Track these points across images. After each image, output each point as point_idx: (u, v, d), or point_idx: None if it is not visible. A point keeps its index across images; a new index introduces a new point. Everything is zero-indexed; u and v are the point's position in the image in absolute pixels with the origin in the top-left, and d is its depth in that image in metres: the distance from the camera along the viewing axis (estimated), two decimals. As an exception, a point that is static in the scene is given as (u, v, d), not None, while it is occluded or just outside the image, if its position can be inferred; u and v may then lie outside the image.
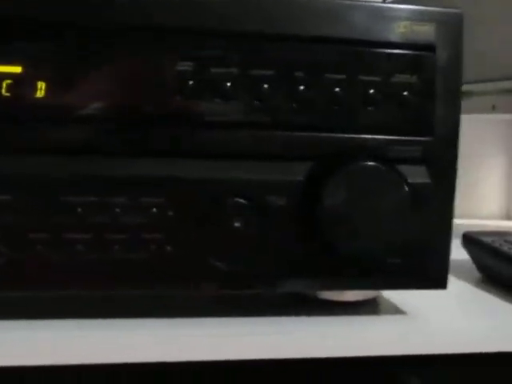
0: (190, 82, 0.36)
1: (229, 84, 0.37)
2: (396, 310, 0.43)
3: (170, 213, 0.36)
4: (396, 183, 0.38)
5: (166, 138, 0.36)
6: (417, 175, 0.39)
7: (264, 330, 0.39)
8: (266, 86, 0.37)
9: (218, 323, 0.39)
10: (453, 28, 0.40)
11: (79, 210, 0.35)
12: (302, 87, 0.38)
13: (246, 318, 0.40)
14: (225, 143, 0.37)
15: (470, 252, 0.54)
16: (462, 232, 0.54)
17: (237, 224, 0.37)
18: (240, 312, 0.40)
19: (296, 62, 0.38)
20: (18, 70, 0.36)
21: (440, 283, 0.40)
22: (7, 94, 0.36)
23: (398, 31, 0.39)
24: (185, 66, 0.36)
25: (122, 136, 0.36)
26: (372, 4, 0.39)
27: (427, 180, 0.39)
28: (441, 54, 0.39)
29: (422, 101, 0.39)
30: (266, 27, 0.37)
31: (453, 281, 0.44)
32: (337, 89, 0.38)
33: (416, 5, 0.39)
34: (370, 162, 0.38)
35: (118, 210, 0.36)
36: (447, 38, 0.39)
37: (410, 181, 0.38)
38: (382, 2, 0.43)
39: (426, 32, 0.39)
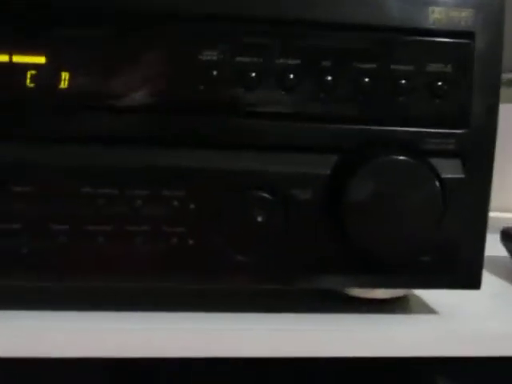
0: (214, 72, 0.35)
1: (255, 74, 0.36)
2: (427, 309, 0.41)
3: (192, 206, 0.36)
4: (427, 178, 0.36)
5: (188, 128, 0.36)
6: (450, 169, 0.37)
7: (290, 327, 0.38)
8: (291, 75, 0.36)
9: (247, 318, 0.38)
10: (493, 14, 0.37)
11: (100, 201, 0.35)
12: (329, 77, 0.36)
13: (273, 313, 0.39)
14: (249, 133, 0.36)
15: (508, 248, 0.51)
16: (498, 226, 0.51)
17: (259, 218, 0.36)
18: (269, 308, 0.39)
19: (324, 50, 0.36)
20: (41, 60, 0.36)
21: (473, 283, 0.39)
22: (31, 85, 0.35)
23: (433, 17, 0.37)
24: (213, 55, 0.35)
25: (143, 127, 0.35)
26: (405, -12, 0.37)
27: (461, 174, 0.37)
28: (479, 41, 0.37)
29: (457, 91, 0.37)
30: (294, 14, 0.36)
31: (488, 278, 0.42)
32: (366, 79, 0.36)
33: (453, -11, 0.37)
34: (400, 155, 0.36)
35: (138, 202, 0.35)
36: (486, 24, 0.37)
37: (442, 175, 0.37)
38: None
39: (463, 18, 0.37)
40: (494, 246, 0.42)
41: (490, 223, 0.39)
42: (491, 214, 0.39)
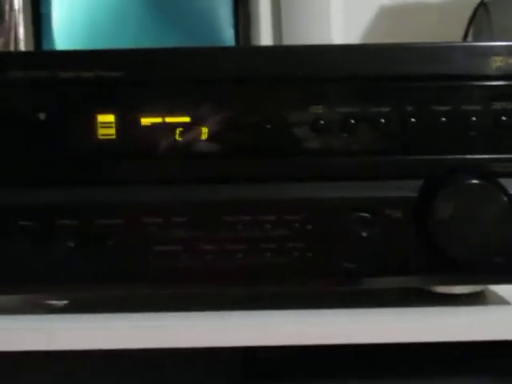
0: (321, 122, 0.45)
1: (352, 120, 0.45)
2: (501, 301, 0.50)
3: (309, 226, 0.46)
4: (497, 195, 0.45)
5: (304, 167, 0.46)
6: (516, 187, 0.46)
7: (386, 318, 0.47)
8: (382, 120, 0.45)
9: (350, 313, 0.47)
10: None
11: (239, 226, 0.45)
12: (412, 119, 0.45)
13: (374, 308, 0.48)
14: (350, 168, 0.46)
15: None
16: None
17: (362, 233, 0.46)
18: (370, 303, 0.48)
19: (407, 97, 0.45)
20: (187, 119, 0.46)
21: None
22: (179, 139, 0.46)
23: (495, 65, 0.46)
24: (316, 108, 0.45)
25: (271, 166, 0.46)
26: (469, 44, 0.46)
27: (526, 190, 0.46)
28: (534, 81, 0.46)
29: (518, 123, 0.46)
30: (379, 70, 0.46)
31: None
32: (443, 118, 0.45)
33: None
34: (474, 178, 0.45)
35: (268, 225, 0.46)
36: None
37: (509, 192, 0.45)
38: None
39: (520, 64, 0.46)
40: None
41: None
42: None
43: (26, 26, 0.98)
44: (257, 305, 0.48)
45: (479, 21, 0.90)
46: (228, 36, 1.02)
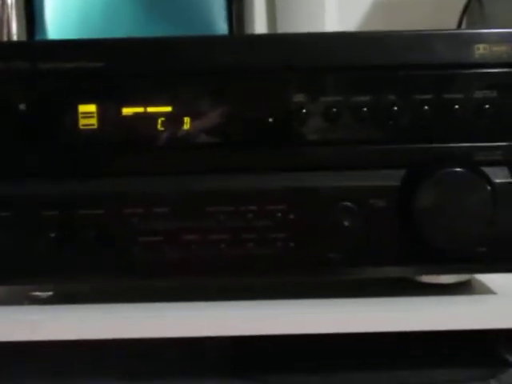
0: (303, 111, 0.45)
1: (335, 109, 0.45)
2: (487, 290, 0.50)
3: (292, 216, 0.45)
4: (480, 184, 0.45)
5: (287, 157, 0.46)
6: (499, 175, 0.45)
7: (373, 308, 0.47)
8: (365, 109, 0.45)
9: (341, 303, 0.47)
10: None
11: (221, 216, 0.45)
12: (395, 108, 0.45)
13: (359, 298, 0.48)
14: (332, 157, 0.46)
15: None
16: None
17: (346, 223, 0.45)
18: (357, 294, 0.48)
19: (389, 86, 0.45)
20: (168, 109, 0.46)
21: (524, 267, 0.47)
22: (162, 128, 0.46)
23: (478, 53, 0.45)
24: (299, 97, 0.45)
25: (253, 156, 0.46)
26: (453, 31, 0.46)
27: (509, 179, 0.45)
28: (519, 68, 0.46)
29: (501, 112, 0.45)
30: (362, 59, 0.45)
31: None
32: (425, 107, 0.45)
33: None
34: (457, 167, 0.45)
35: (250, 215, 0.45)
36: (524, 53, 0.45)
37: (493, 181, 0.45)
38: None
39: (504, 52, 0.45)
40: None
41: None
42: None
43: (18, 21, 0.98)
44: (241, 295, 0.48)
45: (472, 12, 0.90)
46: (221, 30, 1.02)
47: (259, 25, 1.08)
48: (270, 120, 0.45)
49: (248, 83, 0.46)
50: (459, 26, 0.91)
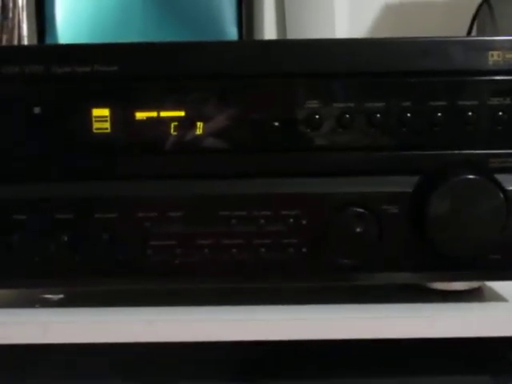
0: (317, 117, 0.45)
1: (348, 115, 0.45)
2: (498, 298, 0.50)
3: (304, 222, 0.45)
4: (493, 191, 0.44)
5: (300, 162, 0.46)
6: (512, 183, 0.45)
7: (382, 314, 0.47)
8: (378, 115, 0.45)
9: (350, 309, 0.47)
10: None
11: (234, 221, 0.45)
12: (408, 114, 0.45)
13: (369, 304, 0.48)
14: (345, 163, 0.46)
15: None
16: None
17: (358, 229, 0.45)
18: (366, 299, 0.48)
19: (403, 92, 0.45)
20: (181, 113, 0.46)
21: (537, 275, 0.47)
22: (174, 133, 0.46)
23: (492, 59, 0.45)
24: (312, 103, 0.45)
25: (266, 162, 0.46)
26: (466, 38, 0.45)
27: (522, 186, 0.45)
28: (532, 76, 0.45)
29: (515, 119, 0.45)
30: (375, 65, 0.45)
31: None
32: (439, 114, 0.45)
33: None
34: (470, 174, 0.44)
35: (262, 221, 0.45)
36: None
37: (506, 188, 0.45)
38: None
39: (518, 58, 0.45)
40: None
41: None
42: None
43: (29, 24, 0.98)
44: (250, 300, 0.48)
45: (483, 18, 0.89)
46: (231, 33, 1.02)
47: (269, 29, 1.08)
48: (283, 125, 0.46)
49: (262, 89, 0.46)
50: (470, 31, 0.91)
